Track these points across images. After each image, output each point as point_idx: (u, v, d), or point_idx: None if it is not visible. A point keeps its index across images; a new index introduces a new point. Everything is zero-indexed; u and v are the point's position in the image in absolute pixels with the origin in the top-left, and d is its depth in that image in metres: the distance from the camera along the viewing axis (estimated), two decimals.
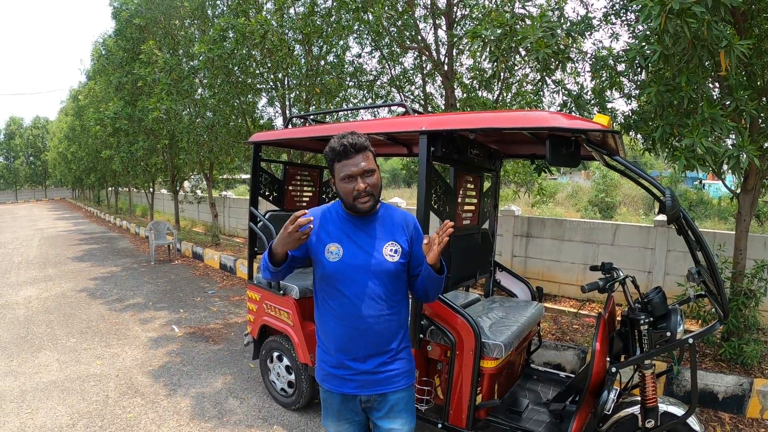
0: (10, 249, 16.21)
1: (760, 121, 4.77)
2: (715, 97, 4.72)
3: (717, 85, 4.85)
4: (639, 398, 3.36)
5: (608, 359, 3.46)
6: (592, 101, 5.43)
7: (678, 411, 3.29)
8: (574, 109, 5.29)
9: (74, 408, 4.95)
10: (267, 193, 5.47)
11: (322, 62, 9.37)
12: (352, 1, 7.24)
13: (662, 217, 7.73)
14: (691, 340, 3.12)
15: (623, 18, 5.98)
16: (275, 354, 4.94)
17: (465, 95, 7.94)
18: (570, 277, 8.78)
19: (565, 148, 2.92)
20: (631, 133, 5.32)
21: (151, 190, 20.61)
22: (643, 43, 4.34)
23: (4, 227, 24.66)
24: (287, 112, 9.91)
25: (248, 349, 6.15)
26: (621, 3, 5.87)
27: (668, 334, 3.24)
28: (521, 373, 4.58)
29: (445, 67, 7.65)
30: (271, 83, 10.04)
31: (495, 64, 5.10)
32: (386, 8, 7.25)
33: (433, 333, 3.64)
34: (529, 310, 4.37)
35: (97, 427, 4.58)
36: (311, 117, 5.28)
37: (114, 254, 14.95)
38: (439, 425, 3.62)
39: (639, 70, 5.01)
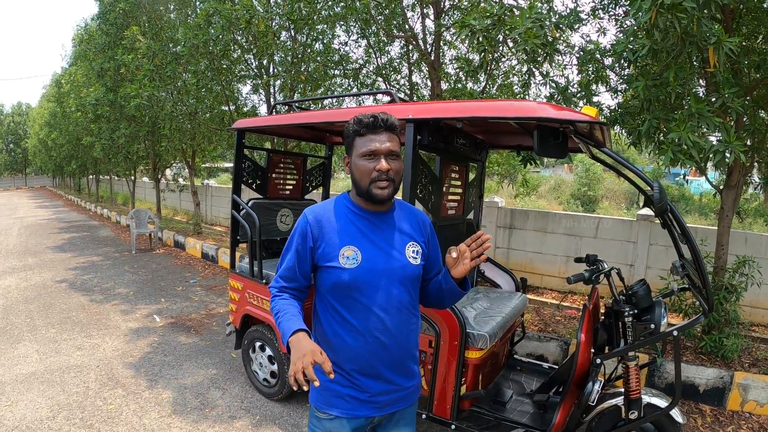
0: None
1: (744, 118, 4.81)
2: (701, 94, 4.75)
3: (703, 81, 4.87)
4: (622, 389, 3.37)
5: (593, 350, 3.47)
6: (579, 94, 5.44)
7: (661, 402, 3.32)
8: (561, 101, 5.29)
9: (54, 400, 4.87)
10: (250, 181, 5.41)
11: (308, 50, 9.29)
12: None
13: (645, 211, 7.79)
14: (675, 333, 3.14)
15: (611, 13, 5.99)
16: (258, 344, 4.90)
17: (450, 86, 7.92)
18: (552, 269, 8.83)
19: (553, 139, 2.91)
20: (616, 127, 5.34)
21: (132, 178, 20.40)
22: (632, 38, 4.34)
23: None
24: (271, 99, 9.83)
25: (230, 338, 6.11)
26: None
27: (652, 326, 3.25)
28: (505, 364, 4.59)
29: (432, 57, 7.62)
30: (255, 70, 9.95)
31: (482, 54, 5.07)
32: None
33: None
34: (514, 301, 4.37)
35: (78, 419, 4.51)
36: (296, 104, 5.23)
37: (95, 243, 14.79)
38: (424, 416, 3.62)
39: (626, 64, 5.02)
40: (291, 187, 5.93)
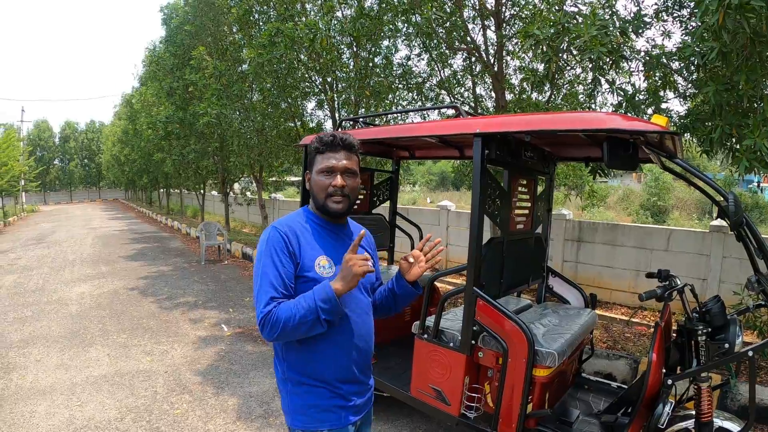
0: (65, 247, 16.71)
1: None
2: None
3: None
4: (693, 412, 3.23)
5: (664, 371, 3.34)
6: (647, 101, 5.28)
7: (734, 427, 3.16)
8: (629, 109, 5.14)
9: (123, 402, 5.05)
10: None
11: (371, 65, 9.36)
12: (400, 3, 7.21)
13: (718, 222, 7.49)
14: (751, 353, 2.98)
15: (675, 15, 5.79)
16: None
17: (514, 97, 7.83)
18: (622, 283, 8.56)
19: (623, 151, 2.84)
20: (686, 135, 5.16)
21: (201, 191, 21.03)
22: (699, 41, 4.19)
23: (60, 226, 25.47)
24: (336, 114, 9.94)
25: None
26: None
27: (726, 345, 3.09)
28: (572, 383, 4.46)
29: (495, 68, 7.56)
30: (319, 86, 10.09)
31: (547, 64, 4.99)
32: (434, 9, 7.20)
33: (485, 339, 3.57)
34: (583, 317, 4.26)
35: (145, 421, 4.67)
36: (361, 119, 5.27)
37: (165, 254, 15.29)
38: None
39: (693, 68, 4.84)
40: (358, 201, 5.95)
